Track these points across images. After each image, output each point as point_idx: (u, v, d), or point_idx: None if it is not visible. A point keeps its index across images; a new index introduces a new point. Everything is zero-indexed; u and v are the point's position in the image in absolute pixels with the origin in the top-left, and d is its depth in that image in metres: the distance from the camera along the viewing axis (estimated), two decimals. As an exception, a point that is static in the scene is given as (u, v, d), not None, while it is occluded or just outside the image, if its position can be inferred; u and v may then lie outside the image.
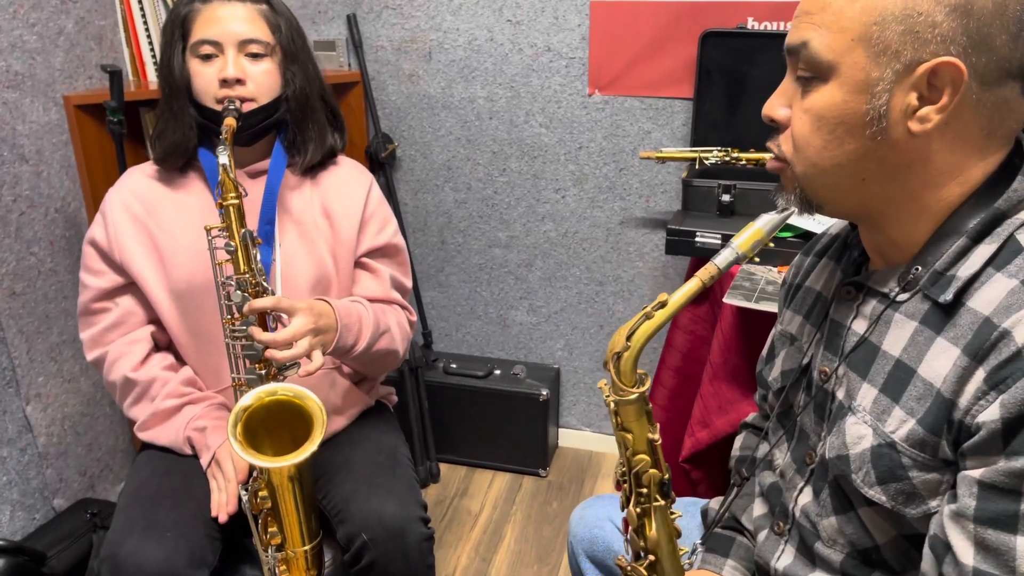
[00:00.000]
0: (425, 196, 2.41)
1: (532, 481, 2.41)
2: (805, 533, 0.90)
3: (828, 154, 0.78)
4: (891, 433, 0.77)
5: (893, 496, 0.78)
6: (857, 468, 0.80)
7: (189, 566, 1.19)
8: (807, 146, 0.79)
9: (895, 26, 0.72)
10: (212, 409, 1.38)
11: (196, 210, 1.37)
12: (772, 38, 1.89)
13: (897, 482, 0.77)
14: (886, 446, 0.78)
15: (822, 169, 0.79)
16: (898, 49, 0.72)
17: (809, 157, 0.79)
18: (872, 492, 0.79)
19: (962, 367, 0.72)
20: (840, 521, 0.85)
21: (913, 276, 0.79)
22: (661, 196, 2.20)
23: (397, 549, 1.29)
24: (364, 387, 1.54)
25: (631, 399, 0.83)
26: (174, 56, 1.32)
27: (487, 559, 2.09)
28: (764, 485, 1.02)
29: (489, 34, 2.17)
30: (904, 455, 0.76)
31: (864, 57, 0.73)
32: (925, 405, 0.75)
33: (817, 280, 0.98)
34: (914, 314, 0.79)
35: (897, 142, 0.75)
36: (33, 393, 1.85)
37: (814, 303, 0.97)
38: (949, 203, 0.78)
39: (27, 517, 1.86)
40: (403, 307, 1.51)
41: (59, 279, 1.89)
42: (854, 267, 0.92)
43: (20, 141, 1.76)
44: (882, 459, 0.78)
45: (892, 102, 0.74)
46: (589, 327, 2.42)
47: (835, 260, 0.96)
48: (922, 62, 0.72)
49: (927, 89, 0.73)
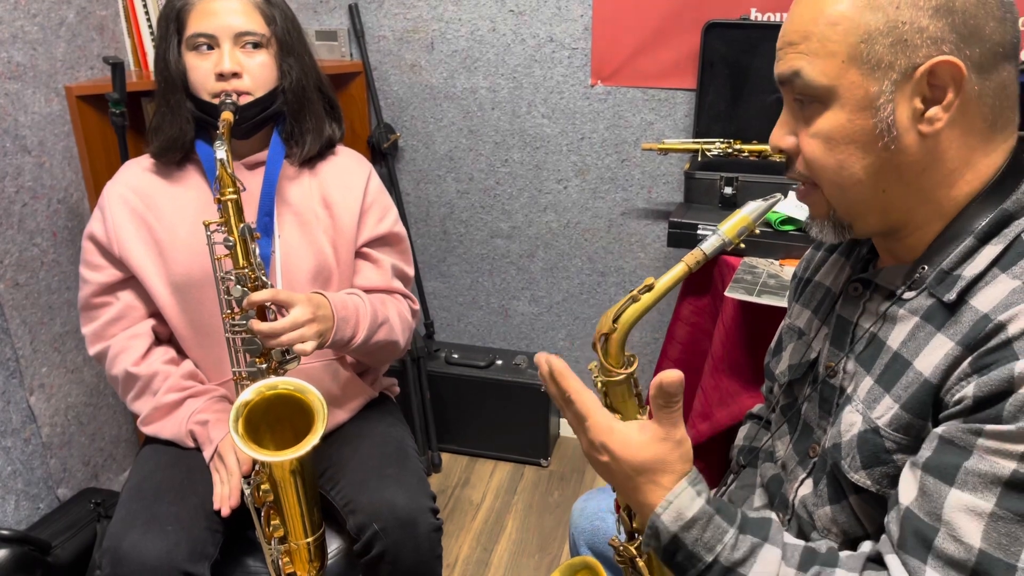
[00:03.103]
0: (427, 186, 2.41)
1: (533, 471, 2.42)
2: (803, 524, 0.91)
3: (846, 172, 0.78)
4: (877, 419, 0.79)
5: (878, 480, 0.79)
6: (846, 454, 0.82)
7: (189, 559, 1.20)
8: (823, 169, 0.79)
9: (883, 40, 0.72)
10: (214, 402, 1.38)
11: (194, 203, 1.37)
12: (775, 29, 1.87)
13: (881, 466, 0.78)
14: (871, 431, 0.79)
15: (846, 188, 0.79)
16: (891, 61, 0.73)
17: (830, 179, 0.80)
18: (857, 477, 0.80)
19: (953, 356, 0.73)
20: (834, 510, 0.86)
21: (919, 275, 0.80)
22: (663, 187, 2.20)
23: (408, 539, 1.30)
24: (367, 378, 1.54)
25: (619, 379, 0.83)
26: (169, 50, 1.32)
27: (488, 548, 2.10)
28: (765, 476, 1.02)
29: (491, 24, 2.16)
30: (887, 439, 0.78)
31: (859, 76, 0.74)
32: (911, 391, 0.76)
33: (827, 275, 0.98)
34: (917, 310, 0.80)
35: (910, 147, 0.76)
36: (37, 383, 1.86)
37: (823, 298, 0.97)
38: (959, 202, 0.79)
39: (31, 507, 1.87)
40: (405, 296, 1.51)
41: (62, 270, 1.90)
42: (863, 263, 0.92)
43: (22, 132, 1.76)
44: (867, 444, 0.79)
45: (897, 111, 0.74)
46: (591, 317, 2.42)
47: (844, 256, 0.97)
48: (918, 66, 0.72)
49: (929, 90, 0.74)
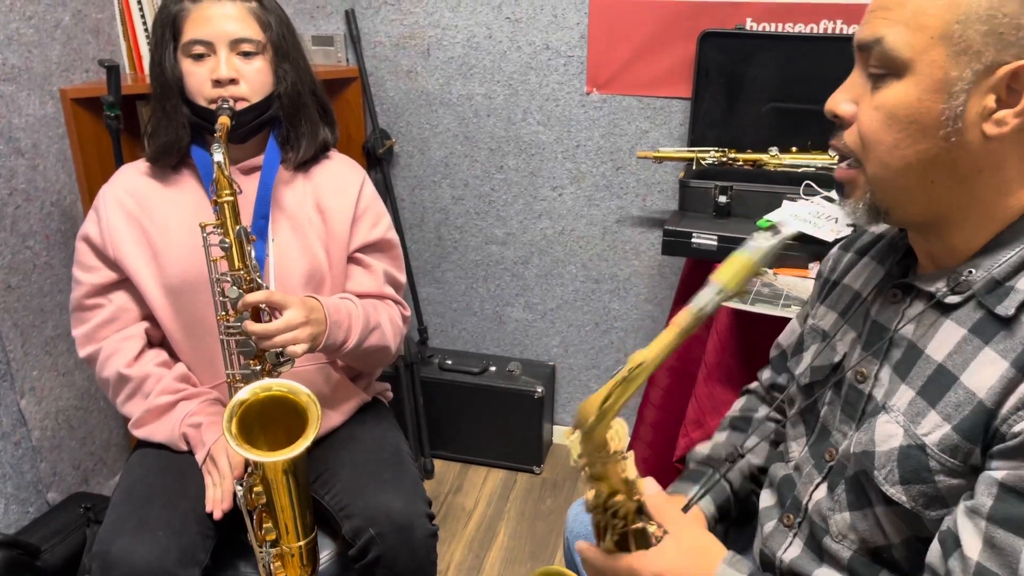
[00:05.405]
0: (422, 192, 2.41)
1: (526, 478, 2.41)
2: (815, 528, 0.89)
3: (899, 153, 0.75)
4: (923, 435, 0.76)
5: (915, 497, 0.77)
6: (881, 465, 0.79)
7: (180, 564, 1.19)
8: (877, 144, 0.76)
9: (978, 26, 0.70)
10: (207, 405, 1.38)
11: (189, 207, 1.37)
12: (770, 39, 1.89)
13: (921, 484, 0.76)
14: (915, 447, 0.76)
15: (893, 169, 0.76)
16: (980, 49, 0.70)
17: (879, 156, 0.76)
18: (893, 491, 0.78)
19: (1008, 379, 0.70)
20: (854, 517, 0.84)
21: (965, 278, 0.77)
22: (658, 195, 2.21)
23: (404, 544, 1.29)
24: (360, 383, 1.54)
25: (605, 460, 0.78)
26: (165, 56, 1.32)
27: (480, 556, 2.10)
28: (776, 477, 1.00)
29: (488, 31, 2.17)
30: (933, 459, 0.75)
31: (944, 56, 0.71)
32: (963, 412, 0.73)
33: (856, 278, 0.96)
34: (964, 321, 0.77)
35: (970, 145, 0.73)
36: (27, 387, 1.85)
37: (852, 302, 0.94)
38: (1014, 211, 0.76)
39: (21, 511, 1.86)
40: (396, 302, 1.52)
41: (54, 273, 1.89)
42: (900, 269, 0.89)
43: (16, 135, 1.75)
44: (909, 460, 0.77)
45: (969, 103, 0.72)
46: (585, 324, 2.42)
47: (878, 261, 0.94)
48: (1003, 64, 0.70)
49: (1006, 92, 0.71)
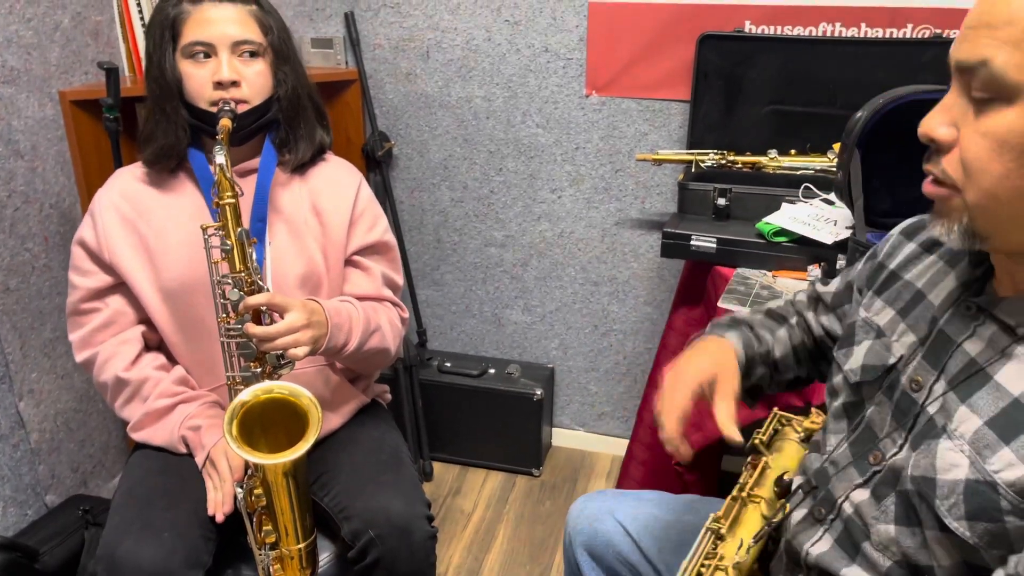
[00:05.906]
0: (421, 195, 2.41)
1: (525, 480, 2.41)
2: (853, 529, 0.87)
3: (1009, 183, 0.69)
4: (995, 473, 0.72)
5: (980, 535, 0.73)
6: (944, 496, 0.75)
7: (185, 566, 1.19)
8: (983, 173, 0.70)
9: None
10: (206, 408, 1.37)
11: (186, 210, 1.37)
12: (769, 42, 1.89)
13: (989, 522, 0.72)
14: (985, 484, 0.73)
15: (1001, 200, 0.70)
16: None
17: (986, 186, 0.70)
18: (957, 525, 0.74)
19: None
20: (900, 532, 0.81)
21: None
22: (657, 198, 2.21)
23: (403, 546, 1.29)
24: (359, 385, 1.54)
25: None
26: (165, 58, 1.31)
27: (479, 558, 2.10)
28: (810, 467, 0.98)
29: (487, 34, 2.17)
30: (1004, 498, 0.71)
31: None
32: None
33: (920, 277, 0.91)
34: None
35: None
36: (26, 389, 1.85)
37: (913, 301, 0.90)
38: None
39: (19, 513, 1.86)
40: (395, 304, 1.52)
41: (53, 275, 1.89)
42: (978, 283, 0.84)
43: (15, 137, 1.75)
44: (977, 496, 0.73)
45: None
46: (584, 327, 2.43)
47: (946, 262, 0.88)
48: None
49: None
